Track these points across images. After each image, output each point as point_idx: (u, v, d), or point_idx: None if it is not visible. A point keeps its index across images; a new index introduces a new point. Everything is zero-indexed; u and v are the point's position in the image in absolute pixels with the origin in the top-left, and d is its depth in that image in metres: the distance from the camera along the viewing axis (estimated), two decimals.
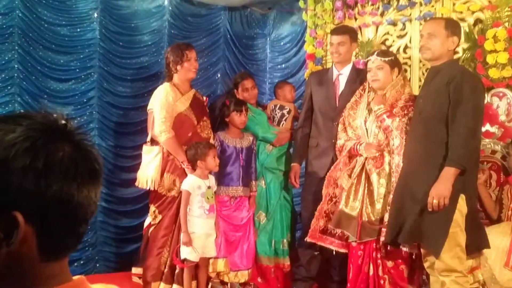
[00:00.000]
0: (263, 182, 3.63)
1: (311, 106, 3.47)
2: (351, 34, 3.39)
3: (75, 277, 0.79)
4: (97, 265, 4.07)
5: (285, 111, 3.77)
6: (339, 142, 3.22)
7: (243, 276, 3.44)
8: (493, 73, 3.11)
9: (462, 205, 2.47)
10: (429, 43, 2.62)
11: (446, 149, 2.49)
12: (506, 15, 3.17)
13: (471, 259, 2.65)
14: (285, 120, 3.77)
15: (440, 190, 2.45)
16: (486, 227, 2.86)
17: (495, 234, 2.69)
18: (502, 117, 3.10)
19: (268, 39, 4.88)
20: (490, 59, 3.10)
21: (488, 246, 2.59)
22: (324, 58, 4.19)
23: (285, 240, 3.60)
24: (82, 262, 3.97)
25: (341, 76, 3.39)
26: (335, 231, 3.09)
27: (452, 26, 2.66)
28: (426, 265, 2.66)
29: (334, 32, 3.42)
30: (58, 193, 0.70)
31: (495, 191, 3.07)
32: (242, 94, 3.75)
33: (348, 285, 3.10)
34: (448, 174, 2.45)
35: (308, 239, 3.16)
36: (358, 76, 3.34)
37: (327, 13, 4.12)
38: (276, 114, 3.79)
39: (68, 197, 0.71)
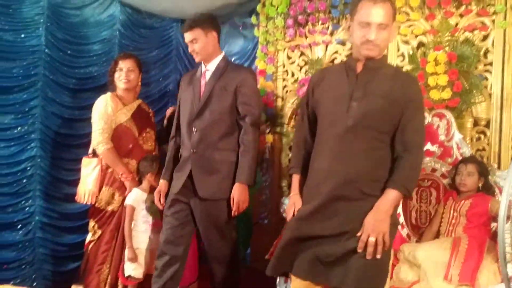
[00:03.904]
0: None
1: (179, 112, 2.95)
2: (203, 24, 2.78)
3: None
4: (35, 283, 3.87)
5: None
6: None
7: None
8: (434, 94, 3.25)
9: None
10: (380, 37, 1.99)
11: (388, 171, 2.00)
12: (446, 40, 3.33)
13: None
14: None
15: (379, 223, 1.90)
16: (425, 242, 2.96)
17: (435, 249, 2.77)
18: (442, 137, 3.22)
19: None
20: (431, 81, 3.24)
21: None
22: (274, 74, 4.24)
23: None
24: (18, 281, 3.77)
25: (208, 72, 2.84)
26: None
27: (394, 12, 2.08)
28: None
29: (183, 29, 2.85)
30: None
31: (435, 208, 3.18)
32: None
33: None
34: (391, 200, 1.93)
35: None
36: (227, 68, 2.82)
37: (279, 30, 4.18)
38: None
39: None
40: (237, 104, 2.74)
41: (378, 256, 1.89)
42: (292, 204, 2.17)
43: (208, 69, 2.84)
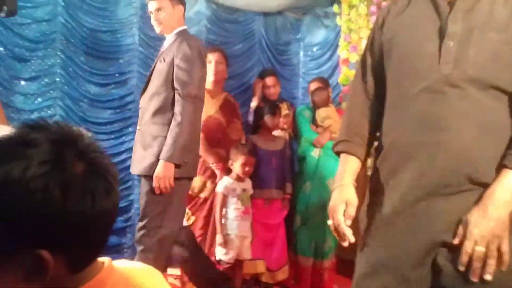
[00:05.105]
0: (308, 186, 3.58)
1: None
2: None
3: (101, 260, 0.83)
4: None
5: None
6: None
7: (281, 275, 3.46)
8: None
9: None
10: None
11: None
12: None
13: None
14: None
15: (492, 223, 1.19)
16: None
17: None
18: None
19: (301, 44, 4.90)
20: None
21: None
22: (358, 63, 4.18)
23: (325, 243, 3.55)
24: None
25: (164, 49, 2.68)
26: None
27: None
28: None
29: None
30: (78, 217, 0.71)
31: None
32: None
33: None
34: (510, 186, 1.21)
35: None
36: (178, 38, 2.59)
37: (362, 17, 4.11)
38: None
39: (88, 219, 0.72)
40: (173, 77, 2.51)
41: (488, 278, 1.17)
42: (340, 201, 1.42)
43: (165, 46, 2.69)
